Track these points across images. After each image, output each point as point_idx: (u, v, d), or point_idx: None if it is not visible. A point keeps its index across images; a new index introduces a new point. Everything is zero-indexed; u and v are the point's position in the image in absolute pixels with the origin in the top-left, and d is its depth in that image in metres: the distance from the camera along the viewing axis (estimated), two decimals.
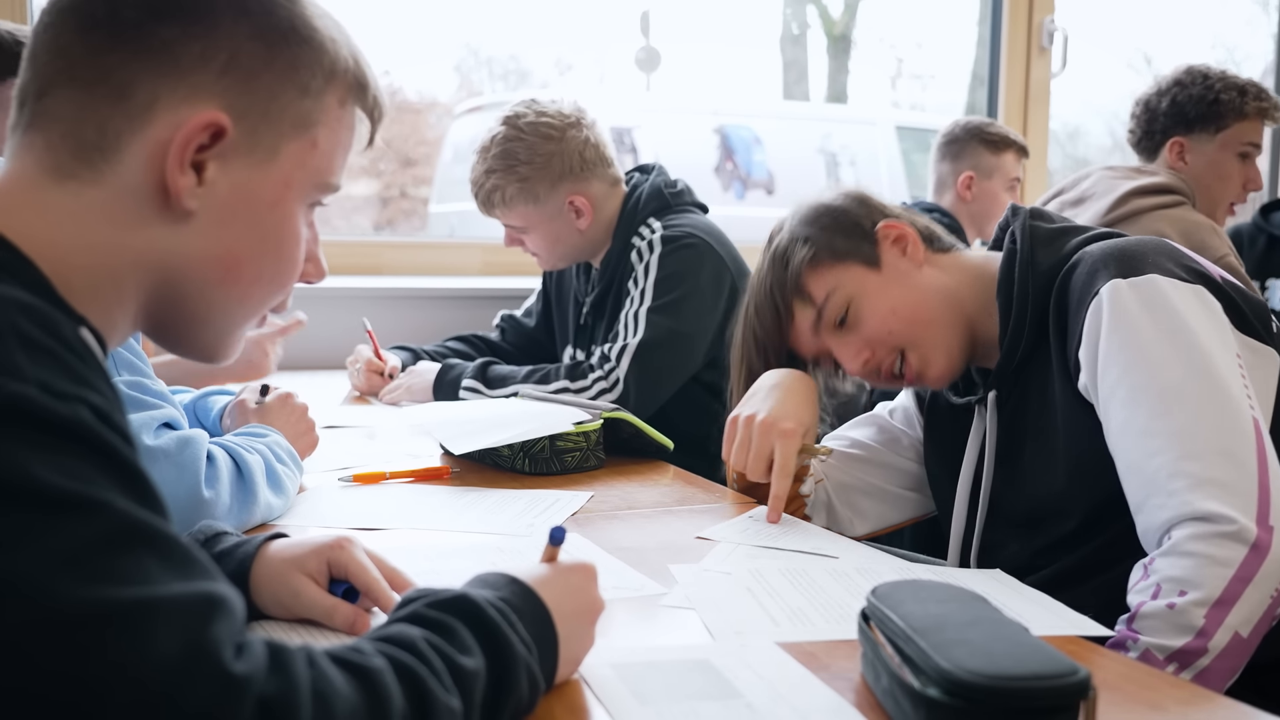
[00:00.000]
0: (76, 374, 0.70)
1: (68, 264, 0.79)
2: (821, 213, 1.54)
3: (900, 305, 1.48)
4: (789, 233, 1.54)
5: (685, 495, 1.58)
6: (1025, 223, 1.48)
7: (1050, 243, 1.45)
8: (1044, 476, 1.42)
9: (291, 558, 1.03)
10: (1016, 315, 1.43)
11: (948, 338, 1.49)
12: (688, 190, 2.39)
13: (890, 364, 1.50)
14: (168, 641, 0.62)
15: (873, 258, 1.50)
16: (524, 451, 1.66)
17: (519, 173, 2.25)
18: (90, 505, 0.65)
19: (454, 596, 0.83)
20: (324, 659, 0.71)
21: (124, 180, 0.81)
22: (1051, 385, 1.40)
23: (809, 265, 1.50)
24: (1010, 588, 1.20)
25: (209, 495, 1.29)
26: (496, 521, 1.40)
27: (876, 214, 1.54)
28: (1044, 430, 1.42)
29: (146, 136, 0.81)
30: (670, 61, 6.52)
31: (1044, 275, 1.42)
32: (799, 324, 1.52)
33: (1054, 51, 3.55)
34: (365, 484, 1.58)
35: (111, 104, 0.80)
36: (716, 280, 2.23)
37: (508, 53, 9.38)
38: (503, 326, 2.65)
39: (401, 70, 8.92)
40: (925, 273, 1.51)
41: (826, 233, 1.51)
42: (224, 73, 0.82)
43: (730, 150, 5.76)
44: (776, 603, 1.12)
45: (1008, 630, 0.88)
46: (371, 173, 9.41)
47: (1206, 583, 1.15)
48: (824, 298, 1.49)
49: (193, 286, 0.86)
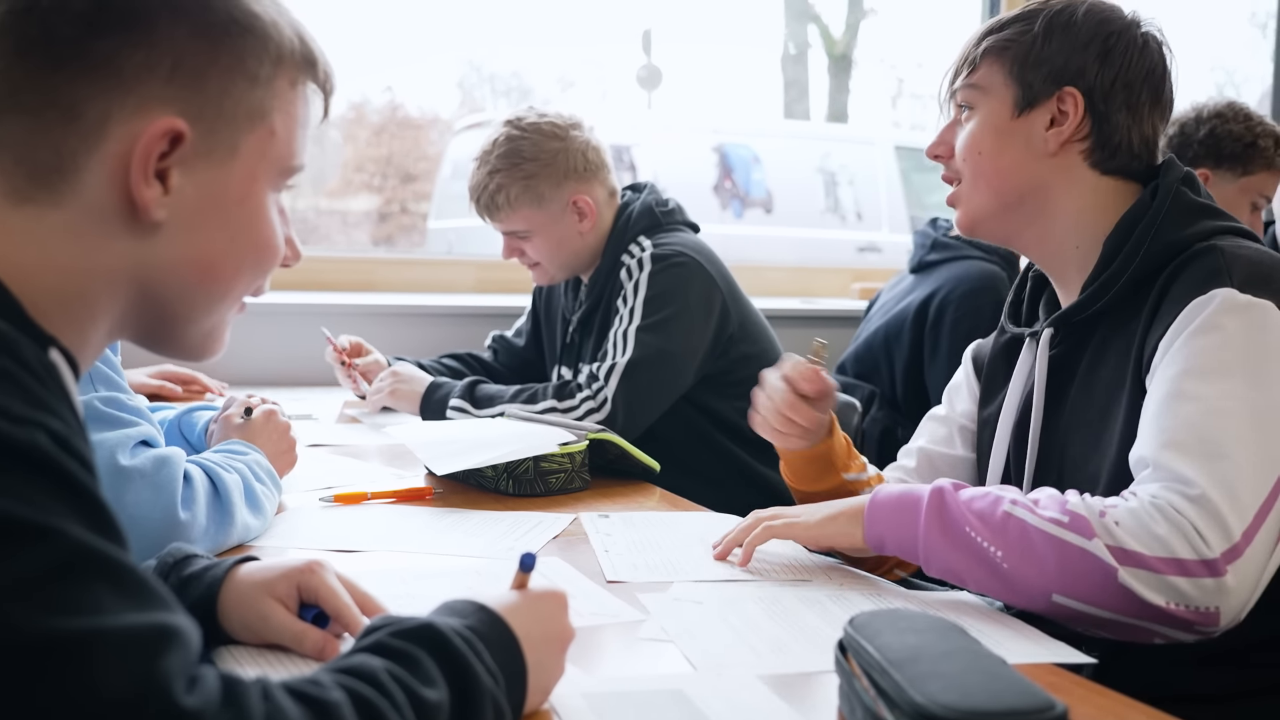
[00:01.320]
0: (35, 398, 0.69)
1: (35, 286, 0.78)
2: (1075, 23, 1.38)
3: (989, 156, 1.40)
4: (1039, 9, 1.40)
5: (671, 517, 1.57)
6: (1174, 185, 1.35)
7: (1188, 215, 1.32)
8: (1078, 447, 1.36)
9: (261, 582, 1.02)
10: (1115, 270, 1.33)
11: (994, 212, 1.41)
12: (679, 209, 2.38)
13: (949, 177, 1.45)
14: (117, 674, 0.61)
15: (1029, 102, 1.38)
16: (508, 473, 1.64)
17: (524, 170, 2.22)
18: (42, 533, 0.63)
19: (419, 625, 0.81)
20: (280, 692, 0.69)
21: (86, 199, 0.80)
22: (1119, 360, 1.32)
23: (998, 49, 1.40)
24: (987, 615, 1.19)
25: (185, 517, 1.27)
26: (477, 544, 1.38)
27: (1094, 76, 1.37)
28: (1090, 396, 1.36)
29: (104, 153, 0.79)
30: (672, 80, 6.54)
31: (1164, 247, 1.31)
32: (956, 81, 1.43)
33: None
34: (346, 504, 1.56)
35: (63, 126, 0.79)
36: (706, 299, 2.21)
37: (510, 69, 9.41)
38: (494, 347, 2.63)
39: (404, 86, 8.96)
40: (1046, 161, 1.38)
41: (1041, 43, 1.38)
42: (171, 78, 0.81)
43: (729, 169, 5.76)
44: (755, 633, 1.10)
45: (984, 663, 0.86)
46: (372, 188, 9.44)
47: (1141, 534, 1.10)
48: (972, 83, 1.41)
49: (172, 292, 0.85)
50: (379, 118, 9.60)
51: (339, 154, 9.77)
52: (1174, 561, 1.08)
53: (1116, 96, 1.37)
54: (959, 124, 1.44)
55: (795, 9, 8.68)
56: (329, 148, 9.32)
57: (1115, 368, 1.33)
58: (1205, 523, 1.09)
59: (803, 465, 1.55)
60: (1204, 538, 1.09)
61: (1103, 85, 1.37)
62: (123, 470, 1.25)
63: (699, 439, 2.24)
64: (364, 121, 9.50)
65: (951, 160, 1.44)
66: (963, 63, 1.43)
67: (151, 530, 1.25)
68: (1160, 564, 1.08)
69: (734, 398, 2.24)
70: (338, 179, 9.83)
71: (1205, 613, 1.09)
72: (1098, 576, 1.10)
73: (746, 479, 2.23)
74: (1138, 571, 1.09)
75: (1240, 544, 1.09)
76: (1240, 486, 1.12)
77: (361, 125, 9.57)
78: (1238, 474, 1.12)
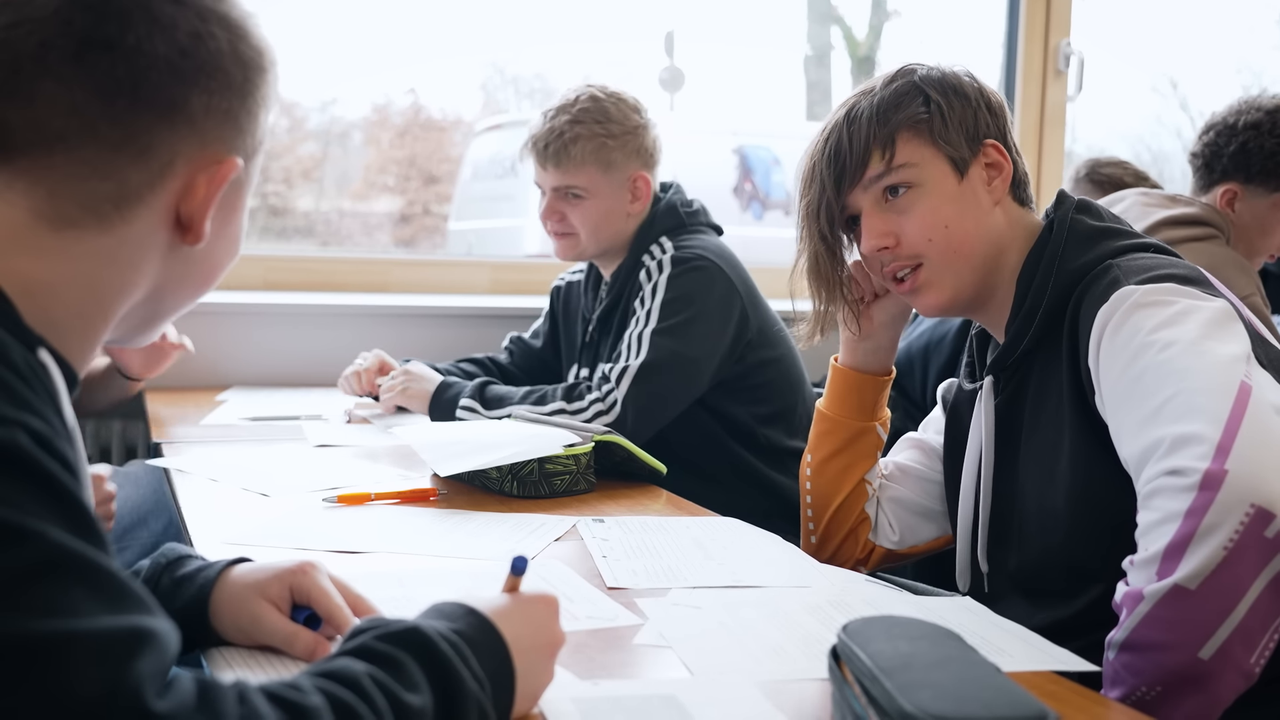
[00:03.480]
0: (17, 397, 0.69)
1: (58, 299, 0.81)
2: (962, 93, 1.44)
3: (955, 227, 1.40)
4: (922, 81, 1.44)
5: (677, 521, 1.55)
6: (1068, 214, 1.40)
7: (1088, 242, 1.36)
8: (1034, 483, 1.37)
9: (253, 583, 1.02)
10: (1028, 308, 1.37)
11: (968, 279, 1.42)
12: (703, 211, 2.37)
13: (899, 267, 1.44)
14: (89, 678, 0.61)
15: (963, 164, 1.42)
16: (512, 474, 1.63)
17: (606, 129, 2.22)
18: (18, 533, 0.63)
19: (405, 629, 0.81)
20: (257, 696, 0.69)
21: (135, 229, 0.84)
22: (1057, 394, 1.33)
23: (912, 125, 1.41)
24: (985, 619, 1.17)
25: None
26: (478, 546, 1.38)
27: (995, 131, 1.45)
28: (1039, 435, 1.37)
29: (166, 188, 0.84)
30: (694, 81, 6.52)
31: (1069, 276, 1.34)
32: (869, 170, 1.42)
33: (1070, 75, 3.51)
34: (349, 505, 1.56)
35: (132, 161, 0.82)
36: (725, 304, 2.19)
37: (533, 71, 9.41)
38: (510, 349, 2.62)
39: (427, 88, 8.97)
40: (995, 212, 1.43)
41: (948, 112, 1.42)
42: (226, 119, 0.86)
43: (749, 170, 5.74)
44: (754, 638, 1.09)
45: (977, 671, 0.85)
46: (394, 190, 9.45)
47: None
48: (900, 163, 1.41)
49: (174, 299, 0.92)
50: (402, 120, 9.61)
51: (362, 156, 9.79)
52: (1185, 516, 1.04)
53: (1007, 136, 1.46)
54: (888, 213, 1.43)
55: (818, 11, 8.64)
56: (352, 150, 9.34)
57: (1055, 400, 1.34)
58: (1179, 459, 1.07)
59: (854, 387, 1.60)
60: (1183, 472, 1.05)
61: (1001, 130, 1.46)
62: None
63: (710, 443, 2.22)
64: (387, 124, 9.52)
65: (900, 248, 1.43)
66: (865, 153, 1.42)
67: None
68: (1180, 534, 1.04)
69: (749, 403, 2.23)
70: (360, 181, 9.86)
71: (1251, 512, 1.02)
72: (1178, 600, 1.04)
73: (757, 484, 2.21)
74: (1181, 558, 1.04)
75: (1224, 440, 1.06)
76: (1198, 406, 1.10)
77: (384, 128, 9.59)
78: (1189, 400, 1.11)
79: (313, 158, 9.12)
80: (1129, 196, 2.47)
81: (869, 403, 1.60)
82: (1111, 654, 1.10)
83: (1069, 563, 1.33)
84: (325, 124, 8.82)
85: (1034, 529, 1.38)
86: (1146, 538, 1.08)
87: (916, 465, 1.63)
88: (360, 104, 8.63)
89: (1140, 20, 6.14)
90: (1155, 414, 1.13)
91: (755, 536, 1.48)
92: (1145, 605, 1.05)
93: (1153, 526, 1.07)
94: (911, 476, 1.63)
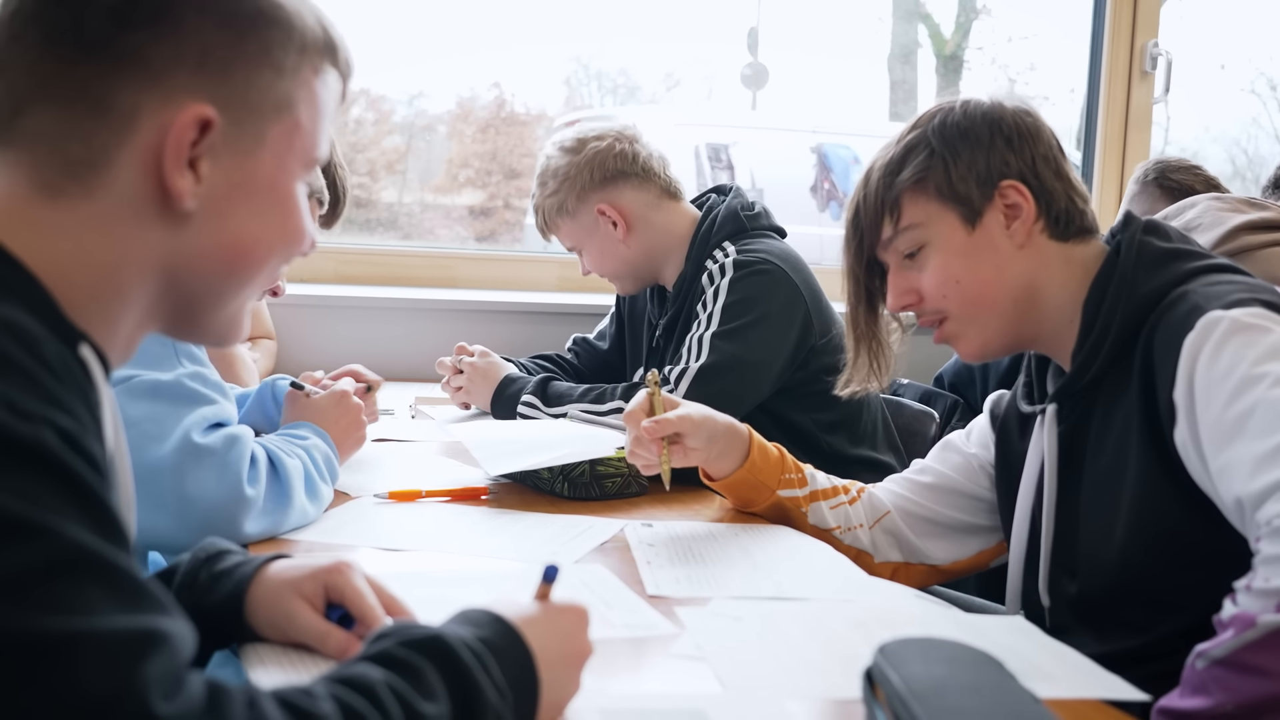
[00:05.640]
0: (48, 394, 0.69)
1: (69, 280, 0.79)
2: (973, 137, 1.39)
3: (967, 281, 1.38)
4: (931, 132, 1.40)
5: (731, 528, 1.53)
6: (1136, 236, 1.34)
7: (1158, 265, 1.31)
8: (1097, 513, 1.33)
9: (288, 580, 1.02)
10: (1096, 337, 1.32)
11: (996, 327, 1.40)
12: (765, 213, 2.34)
13: (927, 321, 1.44)
14: (95, 677, 0.61)
15: (974, 214, 1.37)
16: (563, 475, 1.63)
17: (549, 188, 2.31)
18: (35, 530, 0.63)
19: (427, 636, 0.80)
20: (267, 701, 0.68)
21: (117, 191, 0.80)
22: (1124, 423, 1.29)
23: (916, 184, 1.39)
24: (1036, 641, 1.14)
25: (251, 494, 1.32)
26: (522, 548, 1.37)
27: (1016, 163, 1.38)
28: (1102, 463, 1.33)
29: (134, 145, 0.80)
30: (777, 79, 6.47)
31: (1141, 301, 1.29)
32: (883, 233, 1.42)
33: (1157, 76, 3.41)
34: (400, 501, 1.56)
35: (93, 118, 0.80)
36: (789, 308, 2.16)
37: (617, 67, 9.42)
38: (576, 350, 2.62)
39: (512, 83, 9.02)
40: (1019, 256, 1.38)
41: (951, 158, 1.38)
42: (198, 69, 0.82)
43: (828, 169, 5.67)
44: (793, 654, 1.06)
45: (1011, 698, 0.82)
46: (476, 184, 9.53)
47: None
48: (905, 225, 1.40)
49: (200, 281, 0.86)
50: (485, 114, 9.68)
51: (445, 150, 9.89)
52: None
53: (1043, 170, 1.39)
54: (909, 271, 1.42)
55: (904, 8, 8.53)
56: (436, 144, 9.43)
57: (1121, 429, 1.30)
58: None
59: (729, 490, 1.58)
60: None
61: (1028, 166, 1.39)
62: (196, 447, 1.30)
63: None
64: (470, 118, 9.59)
65: (923, 304, 1.42)
66: (877, 217, 1.41)
67: (219, 506, 1.31)
68: None
69: (812, 409, 2.19)
70: (443, 175, 9.96)
71: None
72: None
73: None
74: None
75: None
76: None
77: (468, 122, 9.66)
78: None
79: (397, 150, 9.22)
80: (1201, 201, 2.39)
81: (761, 482, 1.55)
82: (1202, 664, 1.07)
83: (1143, 594, 1.29)
84: (410, 117, 8.92)
85: (1098, 559, 1.33)
86: (1270, 568, 1.04)
87: (959, 479, 1.58)
88: (446, 98, 8.70)
89: (1236, 22, 5.97)
90: (1277, 453, 1.09)
91: (807, 546, 1.45)
92: (1257, 633, 1.03)
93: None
94: (951, 492, 1.58)
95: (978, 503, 1.57)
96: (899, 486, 1.61)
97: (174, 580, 1.04)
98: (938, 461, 1.62)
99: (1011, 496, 1.47)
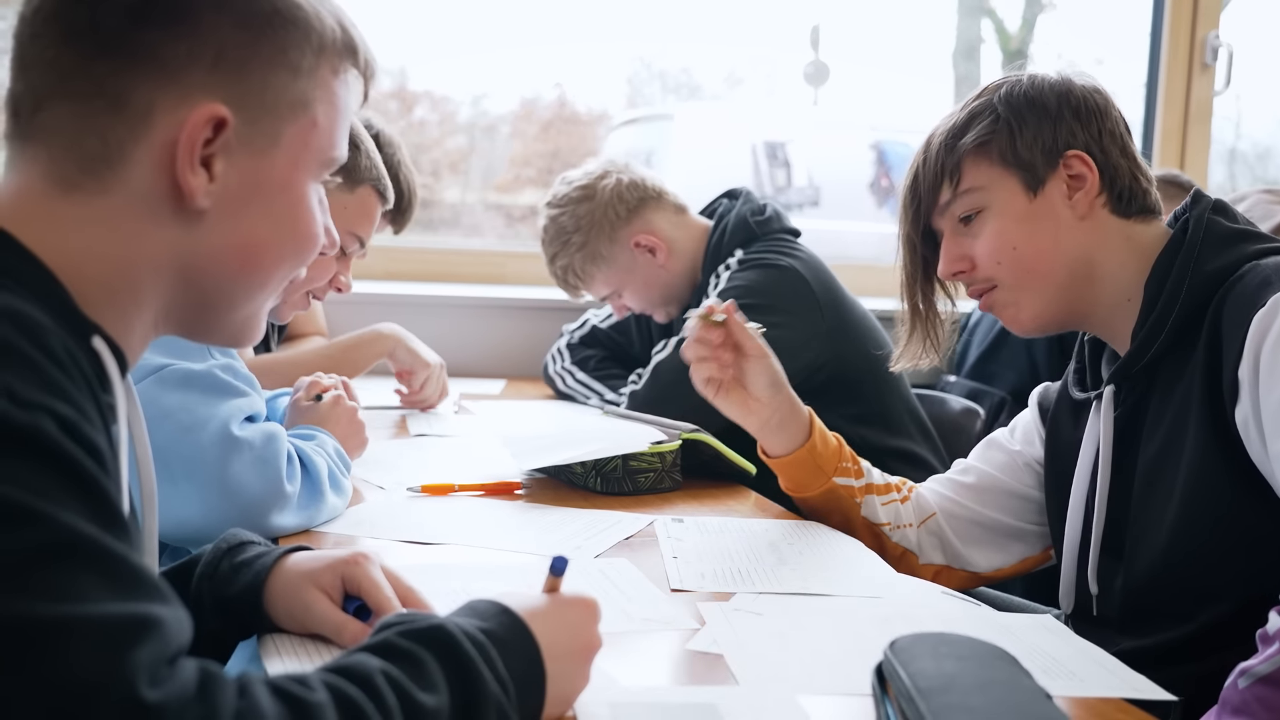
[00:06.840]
0: (49, 383, 0.70)
1: (82, 275, 0.80)
2: (1040, 105, 1.37)
3: (1024, 248, 1.36)
4: (998, 99, 1.38)
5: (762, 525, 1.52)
6: (1204, 215, 1.32)
7: (1225, 244, 1.29)
8: (1148, 496, 1.30)
9: (306, 571, 1.02)
10: (1160, 312, 1.29)
11: (1051, 297, 1.37)
12: (776, 216, 2.31)
13: (979, 289, 1.41)
14: (83, 663, 0.61)
15: (1037, 181, 1.35)
16: (596, 470, 1.62)
17: (575, 241, 2.28)
18: (29, 516, 0.64)
19: (430, 626, 0.80)
20: (260, 689, 0.68)
21: (131, 188, 0.82)
22: (1183, 402, 1.26)
23: (979, 148, 1.37)
24: (1063, 640, 1.11)
25: (290, 490, 1.34)
26: (549, 542, 1.37)
27: (1083, 135, 1.36)
28: (1155, 444, 1.30)
29: (150, 142, 0.82)
30: (839, 76, 6.43)
31: (1207, 279, 1.27)
32: (941, 197, 1.40)
33: (1219, 68, 3.34)
34: (433, 495, 1.57)
35: (109, 115, 0.81)
36: (796, 297, 2.14)
37: (680, 66, 9.41)
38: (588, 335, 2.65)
39: (574, 82, 9.05)
40: (1079, 227, 1.36)
41: (1017, 125, 1.36)
42: (214, 68, 0.83)
43: (886, 166, 5.63)
44: (811, 650, 1.05)
45: (1021, 696, 0.81)
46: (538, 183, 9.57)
47: None
48: (965, 188, 1.38)
49: (214, 280, 0.87)
50: (547, 113, 9.72)
51: (507, 149, 9.93)
52: None
53: (1109, 145, 1.38)
54: (963, 237, 1.40)
55: (969, 4, 8.43)
56: (498, 143, 9.49)
57: (1179, 408, 1.27)
58: None
59: (786, 469, 1.54)
60: None
61: (1094, 140, 1.37)
62: (236, 440, 1.31)
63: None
64: (532, 117, 9.63)
65: (976, 271, 1.40)
66: (936, 180, 1.39)
67: (261, 500, 1.32)
68: None
69: (837, 403, 2.16)
70: (505, 174, 10.00)
71: None
72: None
73: None
74: None
75: None
76: None
77: (530, 121, 9.71)
78: None
79: (460, 150, 9.29)
80: (1251, 194, 2.36)
81: (818, 466, 1.53)
82: (1244, 682, 1.04)
83: (1186, 580, 1.26)
84: (473, 118, 8.98)
85: (1146, 545, 1.30)
86: None
87: (1003, 478, 1.55)
88: (509, 98, 8.76)
89: None
90: None
91: (836, 542, 1.44)
92: None
93: None
94: (995, 492, 1.55)
95: (1023, 503, 1.54)
96: (943, 487, 1.59)
97: (195, 570, 1.05)
98: (981, 460, 1.59)
99: (1063, 489, 1.44)
